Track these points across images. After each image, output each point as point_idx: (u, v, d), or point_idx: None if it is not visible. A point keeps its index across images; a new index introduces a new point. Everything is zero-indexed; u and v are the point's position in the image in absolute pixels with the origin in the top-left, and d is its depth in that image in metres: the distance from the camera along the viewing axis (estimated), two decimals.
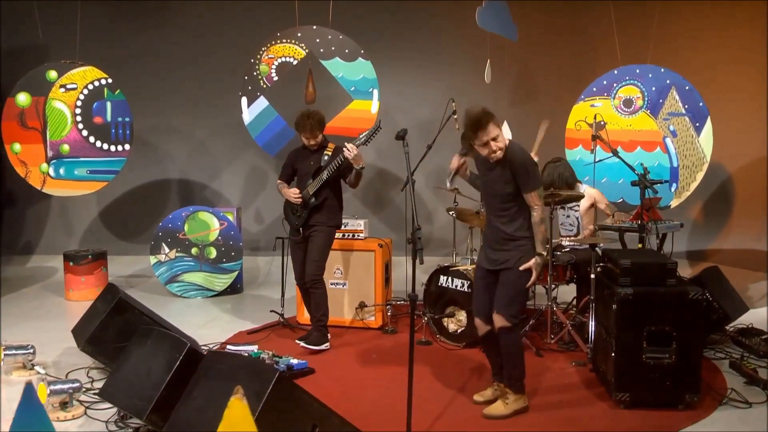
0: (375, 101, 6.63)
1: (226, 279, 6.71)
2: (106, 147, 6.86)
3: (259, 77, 6.70)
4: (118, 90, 6.86)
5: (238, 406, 1.63)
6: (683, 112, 6.38)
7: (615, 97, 6.54)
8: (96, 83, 6.84)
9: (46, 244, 8.50)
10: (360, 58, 6.63)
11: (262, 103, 6.71)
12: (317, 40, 6.65)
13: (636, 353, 3.70)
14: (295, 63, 6.68)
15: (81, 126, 6.84)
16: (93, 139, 6.85)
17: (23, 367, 4.32)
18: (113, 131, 6.86)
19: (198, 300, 6.62)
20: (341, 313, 5.50)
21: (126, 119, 6.86)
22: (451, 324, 5.00)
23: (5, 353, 4.32)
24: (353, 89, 6.65)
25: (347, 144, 4.68)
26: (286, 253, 5.45)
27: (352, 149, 4.64)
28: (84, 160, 6.87)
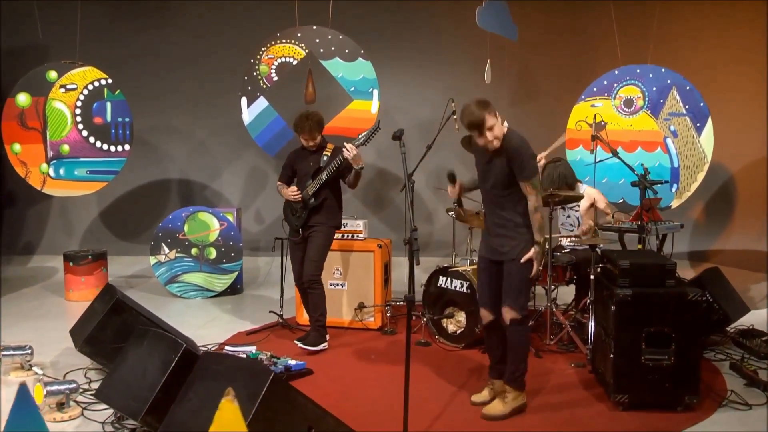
0: (375, 101, 6.61)
1: (225, 279, 6.70)
2: (106, 147, 6.86)
3: (259, 77, 6.69)
4: (118, 90, 6.86)
5: (229, 408, 1.62)
6: (684, 112, 6.35)
7: (616, 97, 6.52)
8: (96, 83, 6.84)
9: (46, 244, 8.50)
10: (360, 58, 6.62)
11: (261, 104, 6.70)
12: (317, 40, 6.64)
13: (635, 354, 3.69)
14: (295, 63, 6.67)
15: (81, 126, 6.83)
16: (93, 140, 6.84)
17: (21, 368, 4.32)
18: (113, 131, 6.86)
19: (198, 300, 6.61)
20: (340, 314, 5.49)
21: (126, 119, 6.86)
22: (450, 325, 4.99)
23: (3, 354, 4.32)
24: (353, 89, 6.63)
25: (346, 144, 4.67)
26: (285, 254, 5.45)
27: (351, 149, 4.63)
28: (84, 160, 6.86)
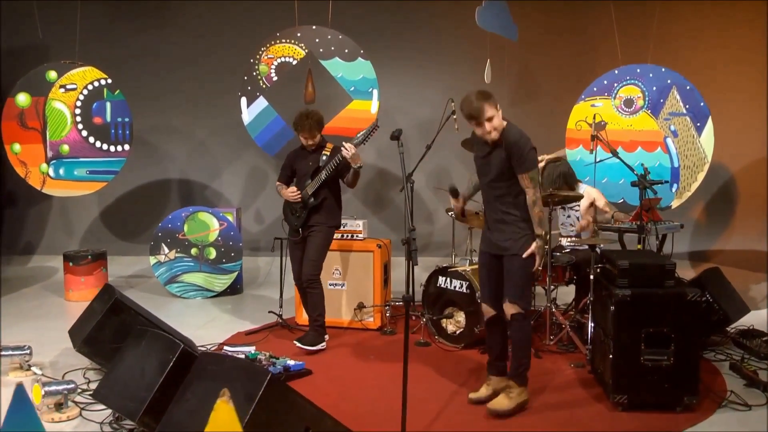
0: (375, 101, 6.61)
1: (225, 279, 6.69)
2: (105, 147, 6.86)
3: (259, 77, 6.68)
4: (117, 90, 6.85)
5: (224, 408, 1.61)
6: (684, 112, 6.34)
7: (616, 97, 6.51)
8: (96, 83, 6.83)
9: (46, 244, 8.50)
10: (359, 58, 6.61)
11: (261, 104, 6.69)
12: (317, 40, 6.63)
13: (634, 355, 3.68)
14: (295, 63, 6.66)
15: (81, 126, 6.83)
16: (93, 140, 6.84)
17: (20, 368, 4.32)
18: (113, 131, 6.86)
19: (198, 300, 6.61)
20: (339, 314, 5.49)
21: (125, 119, 6.86)
22: (450, 325, 4.98)
23: (2, 354, 4.31)
24: (353, 89, 6.62)
25: (345, 143, 4.68)
26: (284, 254, 5.44)
27: (350, 148, 4.64)
28: (84, 160, 6.86)
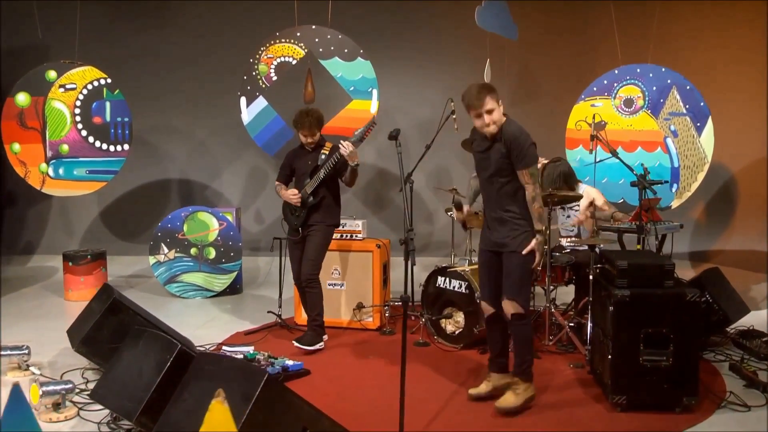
0: (374, 101, 6.60)
1: (225, 279, 6.69)
2: (105, 147, 6.86)
3: (258, 77, 6.68)
4: (117, 90, 6.85)
5: (218, 409, 1.61)
6: (684, 112, 6.33)
7: (616, 97, 6.51)
8: (95, 83, 6.83)
9: (46, 244, 8.50)
10: (359, 57, 6.61)
11: (261, 103, 6.69)
12: (316, 39, 6.63)
13: (633, 355, 3.67)
14: (294, 63, 6.66)
15: (80, 126, 6.83)
16: (92, 139, 6.84)
17: (18, 368, 4.32)
18: (112, 131, 6.86)
19: (197, 300, 6.60)
20: (338, 314, 5.48)
21: (125, 119, 6.86)
22: (449, 325, 4.97)
23: (1, 354, 4.31)
24: (352, 89, 6.62)
25: (342, 141, 4.68)
26: (284, 254, 5.44)
27: (347, 146, 4.64)
28: (83, 160, 6.86)
